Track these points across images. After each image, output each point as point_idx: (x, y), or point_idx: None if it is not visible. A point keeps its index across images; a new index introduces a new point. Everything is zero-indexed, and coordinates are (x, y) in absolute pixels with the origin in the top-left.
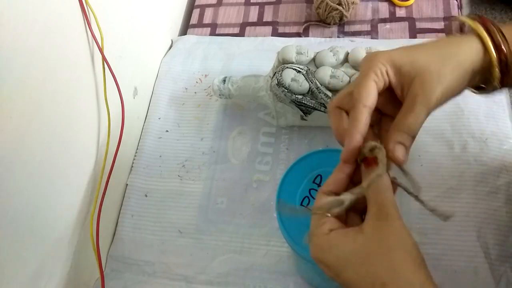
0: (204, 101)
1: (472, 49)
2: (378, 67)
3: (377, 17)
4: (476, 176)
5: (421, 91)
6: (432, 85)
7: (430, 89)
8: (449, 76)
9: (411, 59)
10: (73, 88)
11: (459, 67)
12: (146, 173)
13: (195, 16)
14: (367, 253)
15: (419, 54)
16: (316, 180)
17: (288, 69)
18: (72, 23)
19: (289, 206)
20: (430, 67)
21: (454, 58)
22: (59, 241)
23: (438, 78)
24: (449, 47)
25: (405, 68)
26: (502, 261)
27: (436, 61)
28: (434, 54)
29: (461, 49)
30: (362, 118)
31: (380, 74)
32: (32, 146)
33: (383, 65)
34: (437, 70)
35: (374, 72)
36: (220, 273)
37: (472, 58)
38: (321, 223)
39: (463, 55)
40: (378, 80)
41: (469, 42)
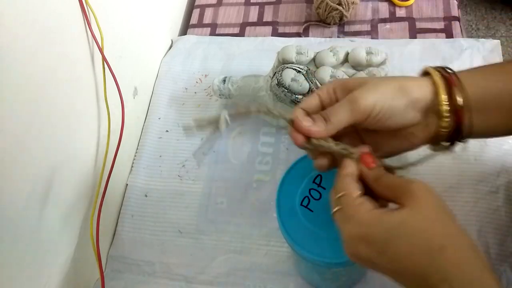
0: (204, 101)
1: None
2: (326, 86)
3: (377, 17)
4: (476, 175)
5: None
6: (366, 90)
7: (362, 92)
8: (388, 90)
9: (359, 79)
10: (73, 88)
11: (400, 88)
12: (146, 173)
13: (195, 16)
14: (418, 219)
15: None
16: (316, 180)
17: (288, 69)
18: (72, 23)
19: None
20: (372, 81)
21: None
22: (59, 241)
23: (375, 87)
24: (396, 77)
25: (350, 83)
26: (502, 260)
27: (380, 79)
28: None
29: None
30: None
31: (326, 91)
32: (32, 146)
33: (333, 85)
34: (377, 83)
35: (321, 89)
36: (220, 273)
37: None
38: (358, 202)
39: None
40: (321, 94)
41: (420, 79)
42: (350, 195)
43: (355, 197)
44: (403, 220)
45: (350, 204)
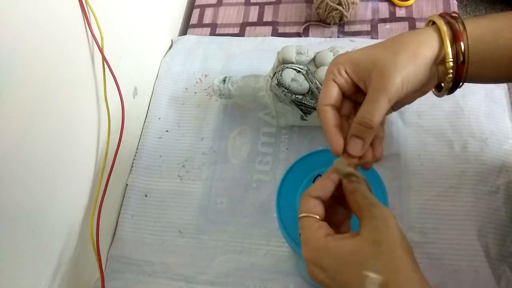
0: (204, 101)
1: (429, 38)
2: (336, 67)
3: (377, 17)
4: (476, 175)
5: (378, 80)
6: (389, 73)
7: (388, 77)
8: (405, 63)
9: (368, 54)
10: (73, 88)
11: (414, 55)
12: (146, 173)
13: (195, 16)
14: (366, 253)
15: (375, 49)
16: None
17: (288, 69)
18: (72, 23)
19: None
20: (385, 57)
21: (408, 46)
22: (59, 241)
23: (394, 65)
24: (403, 39)
25: (362, 64)
26: (502, 260)
27: (391, 52)
28: (389, 46)
29: (416, 39)
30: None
31: (338, 73)
32: (32, 146)
33: (341, 64)
34: (392, 59)
35: (332, 73)
36: (220, 273)
37: (430, 45)
38: (316, 227)
39: (417, 43)
40: (337, 78)
41: (426, 32)
42: (312, 217)
43: (315, 221)
44: (351, 252)
45: (309, 227)
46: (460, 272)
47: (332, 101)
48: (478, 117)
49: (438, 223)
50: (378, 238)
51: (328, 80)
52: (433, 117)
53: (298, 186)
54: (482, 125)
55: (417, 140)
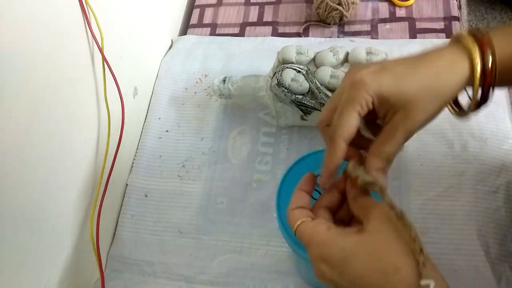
0: (204, 101)
1: (462, 76)
2: (364, 98)
3: (377, 17)
4: (476, 175)
5: (403, 121)
6: (415, 118)
7: (413, 122)
8: (433, 109)
9: (399, 90)
10: (73, 88)
11: (444, 100)
12: (146, 173)
13: (195, 16)
14: (375, 242)
15: (408, 85)
16: (316, 180)
17: (288, 69)
18: (72, 23)
19: None
20: (416, 101)
21: (441, 93)
22: (59, 241)
23: (423, 112)
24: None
25: (392, 100)
26: (502, 260)
27: (423, 97)
28: (422, 89)
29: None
30: (339, 152)
31: (365, 105)
32: (32, 146)
33: (370, 96)
34: (423, 105)
35: (360, 103)
36: (220, 273)
37: (460, 87)
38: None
39: (450, 89)
40: (361, 110)
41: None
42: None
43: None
44: (359, 241)
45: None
46: (460, 272)
47: (350, 137)
48: (478, 117)
49: (438, 223)
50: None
51: (352, 111)
52: None
53: None
54: (482, 125)
55: (417, 140)
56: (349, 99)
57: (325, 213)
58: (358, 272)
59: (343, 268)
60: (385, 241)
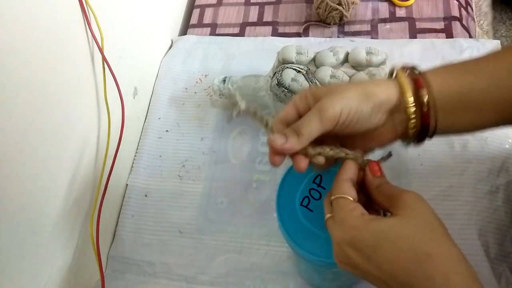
0: (204, 101)
1: (387, 85)
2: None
3: (377, 17)
4: (476, 175)
5: (320, 102)
6: (332, 100)
7: (330, 103)
8: (352, 96)
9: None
10: (73, 88)
11: (365, 92)
12: (146, 173)
13: (195, 16)
14: (407, 227)
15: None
16: (316, 180)
17: (288, 69)
18: (72, 23)
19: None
20: (336, 88)
21: (362, 85)
22: (59, 241)
23: (341, 95)
24: (363, 84)
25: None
26: (501, 260)
27: (344, 86)
28: (345, 84)
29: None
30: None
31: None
32: (32, 146)
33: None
34: (341, 90)
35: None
36: (220, 273)
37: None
38: (352, 207)
39: (372, 85)
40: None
41: (386, 81)
42: (347, 198)
43: (350, 202)
44: (391, 227)
45: (344, 208)
46: None
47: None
48: None
49: None
50: (417, 214)
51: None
52: None
53: (298, 186)
54: None
55: None
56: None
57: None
58: (388, 257)
59: (373, 253)
60: (417, 227)
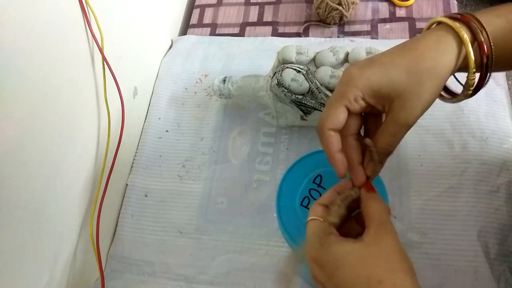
0: (204, 101)
1: (452, 55)
2: (353, 93)
3: (377, 17)
4: (476, 175)
5: (401, 114)
6: (412, 107)
7: (411, 111)
8: (428, 92)
9: (388, 79)
10: (73, 88)
11: (438, 80)
12: (146, 173)
13: (195, 16)
14: (366, 254)
15: (397, 72)
16: (316, 180)
17: (288, 69)
18: (72, 23)
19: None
20: (408, 88)
21: (432, 72)
22: (59, 241)
23: (418, 98)
24: (426, 60)
25: (383, 90)
26: (501, 260)
27: (414, 80)
28: (412, 72)
29: (440, 60)
30: (331, 141)
31: (354, 100)
32: (32, 146)
33: (360, 91)
34: (416, 90)
35: (347, 99)
36: (220, 273)
37: (451, 65)
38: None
39: (441, 66)
40: (350, 105)
41: (449, 48)
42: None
43: (319, 223)
44: (351, 251)
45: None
46: (460, 272)
47: (337, 126)
48: (478, 117)
49: (438, 223)
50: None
51: (339, 105)
52: (433, 117)
53: (298, 186)
54: (483, 124)
55: (417, 140)
56: (337, 95)
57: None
58: (345, 278)
59: (332, 272)
60: (376, 255)
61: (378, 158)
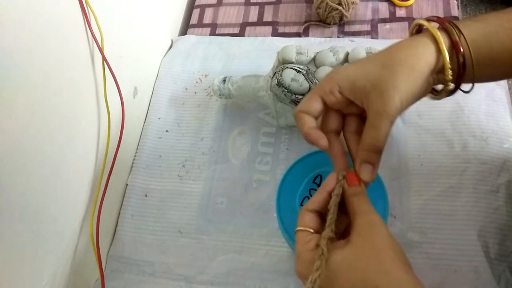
0: (204, 101)
1: (426, 50)
2: (329, 85)
3: (377, 17)
4: (476, 175)
5: (379, 104)
6: (388, 96)
7: (388, 101)
8: (404, 82)
9: (364, 72)
10: (73, 88)
11: (412, 71)
12: (146, 173)
13: (195, 16)
14: (357, 259)
15: (372, 65)
16: (316, 180)
17: (288, 69)
18: (72, 23)
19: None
20: (383, 78)
21: (405, 63)
22: (59, 241)
23: (393, 87)
24: (400, 53)
25: (360, 83)
26: (501, 260)
27: (388, 70)
28: (386, 64)
29: (413, 52)
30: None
31: (329, 92)
32: (32, 146)
33: (337, 83)
34: (390, 80)
35: (323, 90)
36: (220, 273)
37: (427, 59)
38: (307, 240)
39: (415, 58)
40: (325, 96)
41: (422, 43)
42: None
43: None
44: (343, 259)
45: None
46: (460, 272)
47: (309, 111)
48: (478, 116)
49: (438, 223)
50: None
51: (314, 95)
52: (433, 117)
53: (298, 186)
54: (483, 124)
55: (417, 140)
56: (316, 88)
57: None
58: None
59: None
60: (367, 258)
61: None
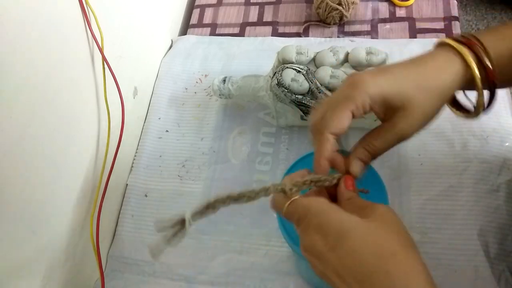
0: (204, 101)
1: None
2: (362, 99)
3: (377, 17)
4: (476, 174)
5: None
6: (414, 118)
7: (412, 122)
8: (431, 109)
9: (398, 89)
10: (73, 88)
11: (441, 100)
12: (146, 173)
13: (195, 16)
14: (377, 227)
15: (407, 82)
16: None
17: (288, 69)
18: (72, 23)
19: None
20: (416, 101)
21: (439, 91)
22: (59, 241)
23: (422, 112)
24: (435, 79)
25: (393, 101)
26: (501, 260)
27: (423, 96)
28: (421, 86)
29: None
30: (328, 145)
31: (361, 106)
32: (32, 146)
33: (368, 97)
34: (422, 104)
35: (355, 104)
36: (220, 273)
37: (455, 87)
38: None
39: (448, 89)
40: (356, 110)
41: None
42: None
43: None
44: (360, 221)
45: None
46: (460, 272)
47: (339, 132)
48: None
49: (438, 223)
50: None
51: (346, 109)
52: None
53: None
54: (483, 123)
55: (417, 140)
56: (347, 97)
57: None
58: (352, 248)
59: (337, 241)
60: (385, 230)
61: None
